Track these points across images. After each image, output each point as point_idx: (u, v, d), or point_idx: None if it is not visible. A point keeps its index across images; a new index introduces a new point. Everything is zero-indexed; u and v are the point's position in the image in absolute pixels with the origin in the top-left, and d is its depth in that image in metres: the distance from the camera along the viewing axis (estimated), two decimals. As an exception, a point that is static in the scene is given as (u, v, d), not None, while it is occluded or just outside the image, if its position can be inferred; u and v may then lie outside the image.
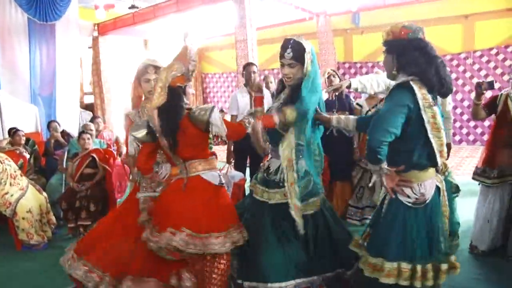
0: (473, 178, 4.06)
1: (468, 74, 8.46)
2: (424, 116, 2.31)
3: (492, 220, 3.86)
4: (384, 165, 2.38)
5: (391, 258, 2.37)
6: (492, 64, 8.11)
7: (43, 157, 6.47)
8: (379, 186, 4.60)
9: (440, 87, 2.37)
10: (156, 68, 3.22)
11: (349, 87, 3.83)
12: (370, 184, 3.13)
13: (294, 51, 2.80)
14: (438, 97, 2.45)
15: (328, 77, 5.11)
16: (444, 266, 2.38)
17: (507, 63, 8.04)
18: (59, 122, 7.02)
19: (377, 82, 3.88)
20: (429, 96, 2.34)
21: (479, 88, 3.60)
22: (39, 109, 8.29)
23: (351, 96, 6.34)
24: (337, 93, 4.96)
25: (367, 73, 9.29)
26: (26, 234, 4.69)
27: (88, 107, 10.72)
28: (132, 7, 9.26)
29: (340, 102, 5.00)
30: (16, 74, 8.24)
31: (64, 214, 5.02)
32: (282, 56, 2.86)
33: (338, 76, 5.13)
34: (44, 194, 5.08)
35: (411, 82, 2.32)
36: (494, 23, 8.10)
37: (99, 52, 10.21)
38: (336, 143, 5.02)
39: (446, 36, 8.39)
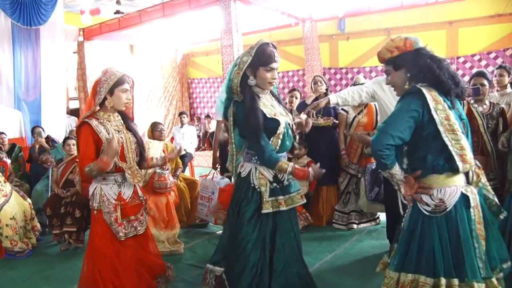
0: None
1: (452, 80, 8.59)
2: (435, 118, 2.23)
3: None
4: (395, 171, 2.30)
5: (409, 270, 2.27)
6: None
7: (27, 163, 6.41)
8: (364, 192, 4.65)
9: (455, 88, 2.31)
10: (129, 78, 3.09)
11: (328, 103, 3.87)
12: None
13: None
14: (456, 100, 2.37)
15: (315, 83, 5.14)
16: (479, 286, 2.16)
17: (490, 69, 8.16)
18: (43, 128, 6.97)
19: (359, 93, 3.90)
20: (440, 98, 2.27)
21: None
22: (23, 115, 8.21)
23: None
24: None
25: (352, 78, 9.36)
26: (10, 241, 4.63)
27: (74, 113, 10.64)
28: (118, 12, 9.23)
29: (325, 107, 5.03)
30: (-1, 79, 8.16)
31: (49, 220, 4.97)
32: (274, 60, 2.70)
33: (325, 82, 5.16)
34: (28, 200, 5.03)
35: (420, 86, 2.29)
36: (477, 29, 8.22)
37: (84, 57, 10.18)
38: (323, 148, 5.07)
39: (431, 42, 8.26)
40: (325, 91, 5.09)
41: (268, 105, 2.77)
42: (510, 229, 3.60)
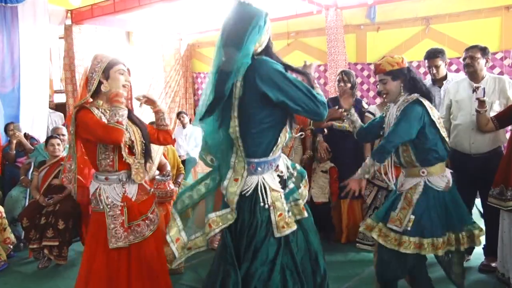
0: (488, 202, 4.02)
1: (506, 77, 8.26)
2: (434, 120, 3.38)
3: None
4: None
5: (429, 235, 3.32)
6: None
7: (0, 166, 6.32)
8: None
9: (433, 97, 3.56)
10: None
11: None
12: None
13: None
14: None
15: (338, 81, 5.08)
16: (464, 234, 3.45)
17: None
18: (19, 125, 6.80)
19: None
20: (431, 105, 3.45)
21: (473, 92, 4.10)
22: (-3, 109, 8.08)
23: (364, 101, 6.30)
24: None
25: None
26: (-23, 255, 4.60)
27: (59, 108, 10.57)
28: (113, -7, 9.22)
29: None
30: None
31: (25, 233, 4.92)
32: None
33: (350, 81, 5.07)
34: (0, 208, 4.98)
35: (420, 98, 3.40)
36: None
37: (72, 44, 10.03)
38: (348, 155, 5.00)
39: (479, 32, 8.02)
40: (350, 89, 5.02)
41: None
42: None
